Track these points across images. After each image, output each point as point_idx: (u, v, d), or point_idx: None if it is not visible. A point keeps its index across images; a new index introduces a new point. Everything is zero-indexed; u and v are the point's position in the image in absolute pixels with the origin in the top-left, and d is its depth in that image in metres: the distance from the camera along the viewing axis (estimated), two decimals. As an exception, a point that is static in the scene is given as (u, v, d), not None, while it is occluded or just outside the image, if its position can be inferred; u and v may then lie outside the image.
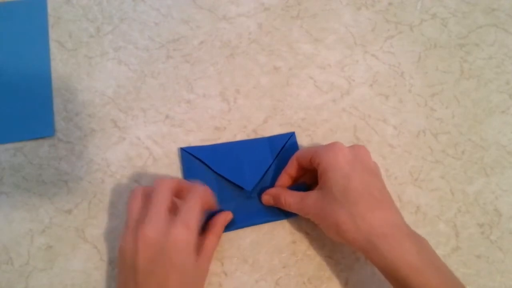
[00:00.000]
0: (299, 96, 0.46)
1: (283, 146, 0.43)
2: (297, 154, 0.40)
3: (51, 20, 0.47)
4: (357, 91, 0.46)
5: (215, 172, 0.42)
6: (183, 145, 0.43)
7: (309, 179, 0.41)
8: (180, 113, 0.45)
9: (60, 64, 0.46)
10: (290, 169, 0.41)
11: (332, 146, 0.37)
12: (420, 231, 0.42)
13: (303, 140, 0.44)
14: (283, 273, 0.40)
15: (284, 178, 0.41)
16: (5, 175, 0.42)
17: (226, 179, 0.42)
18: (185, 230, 0.33)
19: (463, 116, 0.46)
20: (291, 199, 0.38)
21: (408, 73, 0.47)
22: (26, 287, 0.39)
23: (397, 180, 0.44)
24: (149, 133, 0.44)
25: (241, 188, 0.42)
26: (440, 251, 0.41)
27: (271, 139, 0.44)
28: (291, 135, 0.44)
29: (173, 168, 0.43)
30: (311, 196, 0.37)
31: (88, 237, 0.40)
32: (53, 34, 0.47)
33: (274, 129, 0.44)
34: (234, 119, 0.45)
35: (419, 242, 0.34)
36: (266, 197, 0.41)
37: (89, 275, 0.39)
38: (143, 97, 0.45)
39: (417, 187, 0.44)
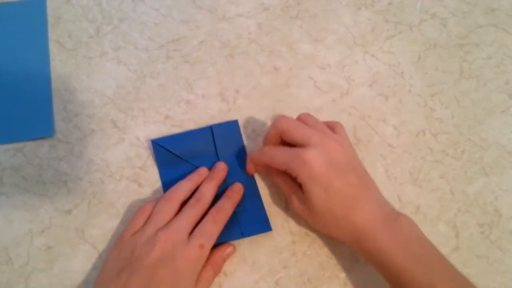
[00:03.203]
0: (299, 96, 0.46)
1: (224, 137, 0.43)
2: (269, 155, 0.39)
3: (50, 20, 0.47)
4: (357, 91, 0.46)
5: (188, 162, 0.42)
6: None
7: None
8: (179, 114, 0.45)
9: (60, 65, 0.46)
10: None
11: (305, 158, 0.36)
12: (420, 231, 0.42)
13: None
14: (283, 273, 0.40)
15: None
16: (4, 176, 0.42)
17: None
18: (199, 250, 0.35)
19: (463, 116, 0.46)
20: (281, 183, 0.40)
21: (408, 73, 0.47)
22: (25, 287, 0.39)
23: (397, 180, 0.44)
24: (149, 133, 0.44)
25: None
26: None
27: (214, 127, 0.43)
28: (235, 123, 0.44)
29: (172, 169, 0.43)
30: (298, 197, 0.38)
31: (87, 237, 0.40)
32: (53, 34, 0.47)
33: (274, 129, 0.44)
34: (234, 119, 0.45)
35: (395, 226, 0.35)
36: (251, 166, 0.41)
37: (88, 275, 0.39)
38: (143, 97, 0.45)
39: (417, 187, 0.44)
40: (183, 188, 0.39)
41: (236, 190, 0.40)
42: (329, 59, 0.48)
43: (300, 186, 0.37)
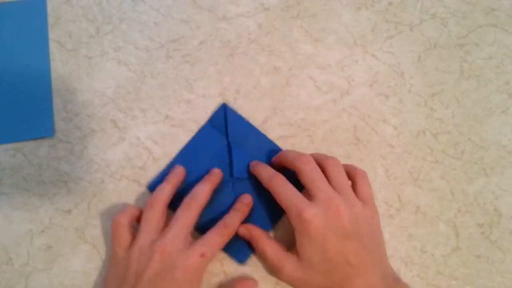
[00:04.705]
0: (299, 96, 0.46)
1: (226, 121, 0.43)
2: (276, 188, 0.37)
3: (50, 20, 0.47)
4: (357, 91, 0.46)
5: (227, 141, 0.42)
6: (182, 145, 0.43)
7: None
8: (180, 113, 0.45)
9: (60, 64, 0.46)
10: None
11: (304, 216, 0.34)
12: (420, 231, 0.42)
13: (303, 140, 0.44)
14: (283, 273, 0.40)
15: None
16: (4, 176, 0.42)
17: (228, 154, 0.42)
18: (199, 258, 0.34)
19: (463, 116, 0.46)
20: (269, 251, 0.37)
21: (408, 73, 0.47)
22: (25, 287, 0.39)
23: (397, 180, 0.44)
24: (149, 133, 0.44)
25: (231, 172, 0.41)
26: (440, 251, 0.41)
27: (211, 121, 0.43)
28: (223, 107, 0.43)
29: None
30: (291, 262, 0.36)
31: (88, 237, 0.40)
32: (53, 34, 0.47)
33: (274, 129, 0.44)
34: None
35: None
36: (244, 230, 0.38)
37: (89, 275, 0.39)
38: (143, 97, 0.45)
39: (417, 187, 0.44)
40: (164, 190, 0.38)
41: (246, 203, 0.39)
42: (329, 59, 0.48)
43: (293, 245, 0.36)
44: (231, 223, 0.37)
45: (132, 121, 0.44)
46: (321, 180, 0.36)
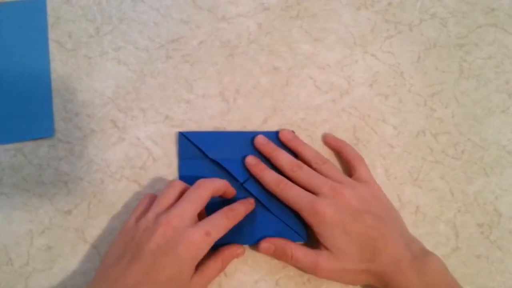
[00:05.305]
0: (298, 96, 0.46)
1: (194, 144, 0.43)
2: (283, 191, 0.39)
3: (50, 20, 0.47)
4: (357, 91, 0.46)
5: (210, 159, 0.42)
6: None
7: None
8: (179, 113, 0.45)
9: (60, 64, 0.46)
10: None
11: (316, 208, 0.37)
12: (420, 231, 0.42)
13: (303, 140, 0.44)
14: (282, 274, 0.40)
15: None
16: (4, 176, 0.42)
17: (220, 167, 0.42)
18: (203, 236, 0.34)
19: (462, 116, 0.46)
20: (300, 254, 0.38)
21: (408, 73, 0.47)
22: (25, 287, 0.39)
23: (397, 180, 0.44)
24: (149, 133, 0.44)
25: (235, 180, 0.41)
26: (439, 251, 0.41)
27: (181, 155, 0.43)
28: (181, 135, 0.43)
29: (173, 168, 0.43)
30: (324, 257, 0.37)
31: (87, 237, 0.40)
32: (53, 34, 0.47)
33: (274, 129, 0.44)
34: (234, 119, 0.45)
35: (423, 268, 0.35)
36: (266, 245, 0.39)
37: (88, 275, 0.39)
38: (143, 97, 0.45)
39: (416, 187, 0.44)
40: (199, 182, 0.38)
41: (251, 202, 0.40)
42: (329, 59, 0.48)
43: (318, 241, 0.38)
44: (237, 208, 0.38)
45: (132, 121, 0.44)
46: (317, 177, 0.39)
